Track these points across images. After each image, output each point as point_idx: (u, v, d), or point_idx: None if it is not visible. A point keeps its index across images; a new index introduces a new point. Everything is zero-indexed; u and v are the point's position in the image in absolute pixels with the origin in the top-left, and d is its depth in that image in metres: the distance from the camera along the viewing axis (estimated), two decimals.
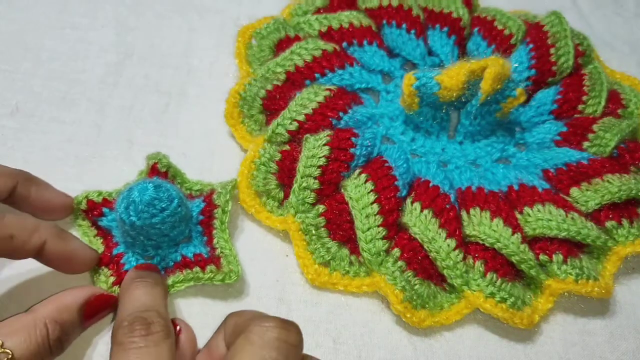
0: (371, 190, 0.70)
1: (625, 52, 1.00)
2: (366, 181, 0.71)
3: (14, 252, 0.61)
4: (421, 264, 0.69)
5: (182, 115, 0.85)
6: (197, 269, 0.69)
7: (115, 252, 0.69)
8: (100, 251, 0.69)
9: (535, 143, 0.81)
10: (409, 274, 0.68)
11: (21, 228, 0.61)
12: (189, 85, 0.88)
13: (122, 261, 0.69)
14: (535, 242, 0.71)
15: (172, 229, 0.68)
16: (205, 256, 0.70)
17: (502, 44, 0.87)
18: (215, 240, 0.71)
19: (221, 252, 0.70)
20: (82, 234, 0.71)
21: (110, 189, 0.73)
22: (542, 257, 0.71)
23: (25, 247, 0.61)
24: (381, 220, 0.69)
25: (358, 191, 0.70)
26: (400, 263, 0.68)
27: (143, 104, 0.85)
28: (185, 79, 0.88)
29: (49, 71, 0.86)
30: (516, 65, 0.84)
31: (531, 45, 0.85)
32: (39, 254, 0.62)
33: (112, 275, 0.68)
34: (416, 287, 0.68)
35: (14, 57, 0.87)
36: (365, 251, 0.69)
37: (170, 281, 0.68)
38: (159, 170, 0.74)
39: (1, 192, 0.64)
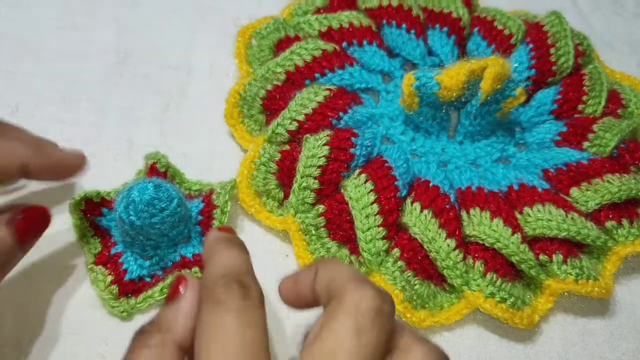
0: (371, 190, 0.70)
1: (625, 52, 1.00)
2: (366, 181, 0.71)
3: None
4: (421, 264, 0.69)
5: (182, 115, 0.85)
6: (195, 269, 0.69)
7: (113, 251, 0.70)
8: (97, 251, 0.70)
9: (535, 143, 0.81)
10: (409, 274, 0.68)
11: None
12: (189, 85, 0.87)
13: (120, 260, 0.69)
14: (535, 242, 0.71)
15: (172, 229, 0.68)
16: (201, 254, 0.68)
17: (502, 44, 0.87)
18: None
19: None
20: (80, 234, 0.70)
21: (110, 188, 0.73)
22: (542, 257, 0.71)
23: (8, 171, 0.62)
24: (381, 220, 0.69)
25: (358, 191, 0.70)
26: (400, 263, 0.69)
27: (143, 104, 0.85)
28: (185, 79, 0.88)
29: (49, 71, 0.86)
30: (516, 65, 0.84)
31: (531, 45, 0.85)
32: (26, 174, 0.63)
33: (110, 274, 0.68)
34: (416, 287, 0.68)
35: (14, 57, 0.87)
36: (365, 251, 0.69)
37: (168, 281, 0.68)
38: (158, 170, 0.74)
39: (10, 172, 0.63)
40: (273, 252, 0.74)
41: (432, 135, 0.79)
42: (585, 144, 0.78)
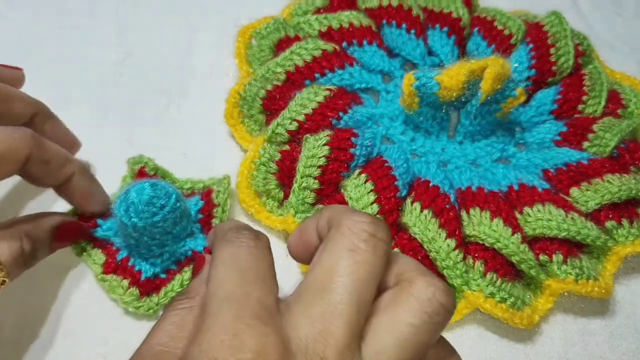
0: (371, 190, 0.70)
1: (625, 52, 0.99)
2: (366, 181, 0.71)
3: (45, 178, 0.64)
4: (421, 263, 0.68)
5: (182, 115, 0.85)
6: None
7: (119, 257, 0.69)
8: (102, 261, 0.69)
9: (535, 143, 0.81)
10: None
11: (57, 156, 0.64)
12: (189, 85, 0.88)
13: (130, 264, 0.69)
14: (535, 242, 0.71)
15: (175, 226, 0.67)
16: None
17: (502, 44, 0.87)
18: None
19: None
20: (79, 250, 0.70)
21: (110, 190, 0.72)
22: (542, 257, 0.70)
23: (57, 175, 0.65)
24: None
25: (358, 191, 0.70)
26: None
27: (143, 104, 0.85)
28: (185, 79, 0.88)
29: (49, 71, 0.86)
30: (516, 65, 0.84)
31: (531, 45, 0.85)
32: (65, 186, 0.66)
33: (124, 278, 0.68)
34: None
35: (14, 57, 0.85)
36: None
37: (187, 275, 0.69)
38: (148, 173, 0.75)
39: (23, 115, 0.67)
40: (273, 251, 0.74)
41: (432, 135, 0.79)
42: (585, 144, 0.78)
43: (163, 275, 0.69)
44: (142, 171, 0.75)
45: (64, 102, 0.82)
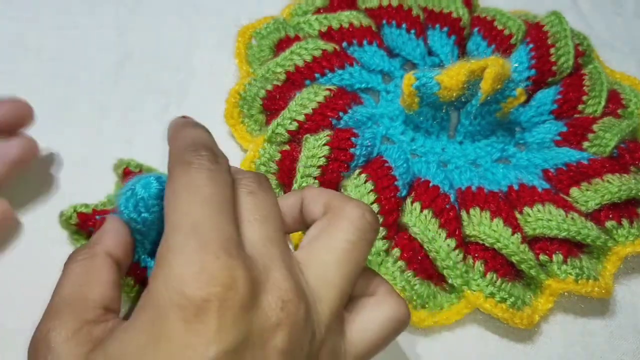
0: (371, 190, 0.70)
1: (625, 52, 0.99)
2: (366, 181, 0.71)
3: None
4: (421, 264, 0.69)
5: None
6: None
7: None
8: None
9: (535, 143, 0.81)
10: (409, 274, 0.68)
11: None
12: (189, 85, 0.87)
13: (134, 261, 0.64)
14: (535, 242, 0.71)
15: None
16: None
17: (502, 44, 0.87)
18: None
19: None
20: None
21: (99, 196, 0.72)
22: (542, 257, 0.71)
23: None
24: (381, 220, 0.69)
25: (358, 191, 0.70)
26: (400, 263, 0.68)
27: (143, 104, 0.84)
28: (185, 79, 0.88)
29: (49, 71, 0.86)
30: (516, 65, 0.84)
31: (531, 45, 0.85)
32: None
33: (128, 276, 0.64)
34: (416, 287, 0.68)
35: (14, 57, 0.87)
36: None
37: None
38: (133, 172, 0.73)
39: None
40: None
41: (432, 135, 0.79)
42: (585, 144, 0.78)
43: None
44: (127, 171, 0.73)
45: (64, 102, 0.83)
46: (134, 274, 0.64)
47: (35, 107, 0.80)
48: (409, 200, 0.72)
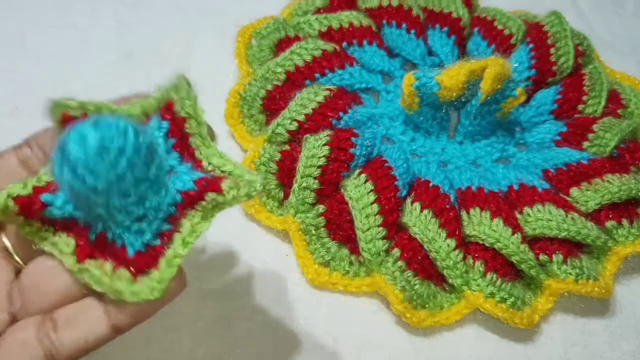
0: (371, 190, 0.70)
1: (625, 52, 1.00)
2: (366, 181, 0.71)
3: None
4: (421, 264, 0.69)
5: None
6: (211, 194, 0.50)
7: (93, 235, 0.49)
8: (72, 247, 0.48)
9: (535, 143, 0.81)
10: (409, 274, 0.68)
11: None
12: None
13: (109, 240, 0.50)
14: (535, 242, 0.71)
15: (147, 169, 0.48)
16: (209, 177, 0.51)
17: (502, 44, 0.87)
18: (205, 162, 0.54)
19: (222, 172, 0.53)
20: (40, 240, 0.50)
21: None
22: (542, 257, 0.71)
23: None
24: (381, 220, 0.69)
25: (358, 191, 0.70)
26: (400, 263, 0.68)
27: None
28: None
29: (49, 71, 0.86)
30: (516, 65, 0.84)
31: (531, 45, 0.85)
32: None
33: (106, 261, 0.48)
34: (416, 287, 0.68)
35: (14, 57, 0.87)
36: (365, 251, 0.69)
37: (187, 229, 0.50)
38: (74, 117, 0.52)
39: None
40: (273, 252, 0.74)
41: (432, 135, 0.80)
42: (585, 144, 0.79)
43: (157, 242, 0.51)
44: (66, 117, 0.52)
45: None
46: (112, 256, 0.50)
47: (35, 107, 0.79)
48: (409, 200, 0.72)
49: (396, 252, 0.69)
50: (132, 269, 0.49)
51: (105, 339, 0.50)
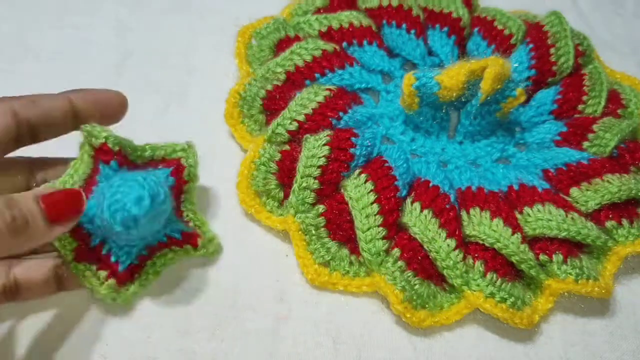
0: (371, 190, 0.70)
1: (625, 52, 1.00)
2: (366, 181, 0.70)
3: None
4: (421, 264, 0.69)
5: (182, 115, 0.85)
6: (187, 247, 0.69)
7: (93, 244, 0.64)
8: (73, 247, 0.62)
9: (535, 143, 0.81)
10: (409, 274, 0.68)
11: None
12: (189, 85, 0.88)
13: (104, 253, 0.64)
14: (535, 242, 0.71)
15: (162, 220, 0.64)
16: (189, 231, 0.69)
17: (502, 44, 0.87)
18: (185, 213, 0.71)
19: (194, 224, 0.71)
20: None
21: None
22: (542, 257, 0.70)
23: (61, 116, 0.64)
24: (381, 220, 0.69)
25: (358, 191, 0.70)
26: (400, 263, 0.68)
27: (143, 104, 0.84)
28: (185, 79, 0.88)
29: (49, 71, 0.86)
30: (516, 65, 0.84)
31: (531, 45, 0.85)
32: (76, 118, 0.65)
33: (99, 269, 0.64)
34: (416, 287, 0.68)
35: (14, 57, 0.87)
36: (365, 251, 0.69)
37: (160, 262, 0.68)
38: (112, 150, 0.64)
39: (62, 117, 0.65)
40: (273, 252, 0.74)
41: (432, 135, 0.79)
42: (585, 144, 0.78)
43: (136, 262, 0.67)
44: (105, 149, 0.64)
45: None
46: (106, 267, 0.65)
47: None
48: (409, 200, 0.71)
49: (396, 252, 0.69)
50: (118, 281, 0.65)
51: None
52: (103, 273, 0.64)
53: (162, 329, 0.68)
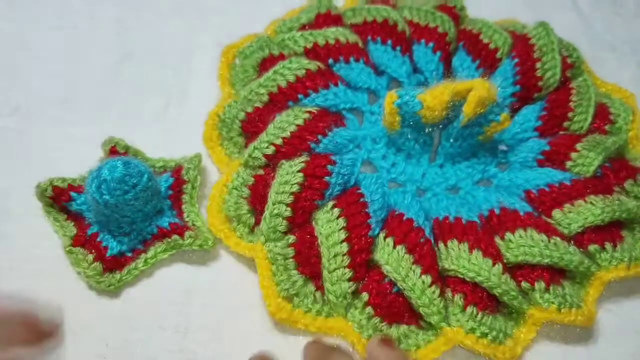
0: (342, 228, 0.66)
1: (625, 52, 0.95)
2: (339, 216, 0.67)
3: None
4: (389, 308, 0.65)
5: (182, 115, 0.82)
6: (175, 237, 0.70)
7: (89, 232, 0.70)
8: (72, 234, 0.70)
9: (517, 162, 0.77)
10: (377, 320, 0.65)
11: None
12: (189, 85, 0.85)
13: (98, 240, 0.70)
14: (517, 269, 0.67)
15: (145, 204, 0.69)
16: (181, 224, 0.72)
17: (488, 59, 0.82)
18: (185, 214, 0.73)
19: (193, 224, 0.72)
20: (53, 219, 0.72)
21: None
22: (524, 284, 0.67)
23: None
24: (348, 261, 0.65)
25: (329, 227, 0.66)
26: (368, 309, 0.65)
27: (143, 104, 0.82)
28: (185, 79, 0.85)
29: (49, 71, 0.84)
30: (501, 81, 0.78)
31: (516, 60, 0.80)
32: None
33: (90, 253, 0.69)
34: (384, 330, 0.64)
35: (14, 57, 0.85)
36: (330, 293, 0.65)
37: (152, 253, 0.70)
38: (119, 151, 0.75)
39: None
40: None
41: (413, 159, 0.75)
42: (569, 164, 0.74)
43: (129, 254, 0.71)
44: (114, 150, 0.75)
45: (64, 102, 0.81)
46: (95, 251, 0.69)
47: (35, 107, 0.79)
48: (381, 235, 0.67)
49: (364, 296, 0.65)
50: (105, 265, 0.68)
51: None
52: (91, 256, 0.68)
53: (162, 329, 0.68)
